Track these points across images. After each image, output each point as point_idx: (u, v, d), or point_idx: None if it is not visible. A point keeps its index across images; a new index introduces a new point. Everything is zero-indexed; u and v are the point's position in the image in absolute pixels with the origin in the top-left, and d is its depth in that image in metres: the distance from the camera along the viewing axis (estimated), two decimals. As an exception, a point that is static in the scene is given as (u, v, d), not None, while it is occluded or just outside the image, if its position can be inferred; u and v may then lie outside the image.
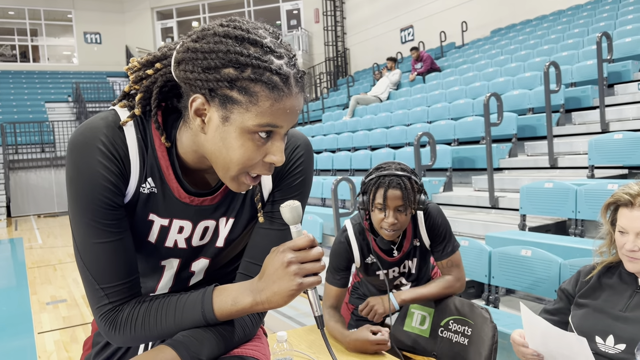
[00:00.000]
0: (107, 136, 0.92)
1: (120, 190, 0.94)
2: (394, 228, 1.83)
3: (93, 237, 0.93)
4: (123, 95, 0.99)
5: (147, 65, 0.96)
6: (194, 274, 1.11)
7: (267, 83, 0.84)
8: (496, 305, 3.06)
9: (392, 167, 1.86)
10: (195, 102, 0.87)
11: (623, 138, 3.93)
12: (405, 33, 14.94)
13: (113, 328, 0.97)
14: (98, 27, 19.75)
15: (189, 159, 0.98)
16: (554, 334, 1.43)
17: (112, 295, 0.96)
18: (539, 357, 1.51)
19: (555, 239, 3.27)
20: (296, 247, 0.91)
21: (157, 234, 1.02)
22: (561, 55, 6.82)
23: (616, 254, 1.59)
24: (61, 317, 4.76)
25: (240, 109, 0.85)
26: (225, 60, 0.84)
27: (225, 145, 0.88)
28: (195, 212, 1.01)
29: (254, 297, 0.94)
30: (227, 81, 0.84)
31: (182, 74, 0.88)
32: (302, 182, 1.08)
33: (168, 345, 0.95)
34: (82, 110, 15.64)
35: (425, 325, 1.94)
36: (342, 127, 9.58)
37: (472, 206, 4.81)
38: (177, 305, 0.98)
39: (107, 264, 0.95)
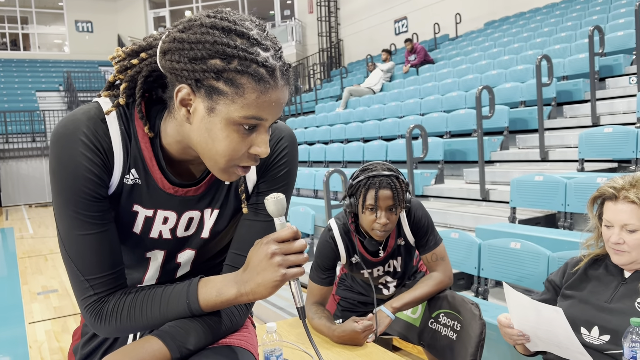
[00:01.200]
0: (89, 128, 0.92)
1: (103, 182, 0.94)
2: (386, 228, 1.85)
3: (77, 229, 0.93)
4: (108, 85, 0.99)
5: (132, 55, 0.96)
6: (180, 266, 1.11)
7: (253, 75, 0.85)
8: (485, 297, 3.09)
9: (378, 167, 1.87)
10: (181, 92, 0.88)
11: (613, 132, 3.95)
12: (399, 24, 14.90)
13: (99, 319, 0.98)
14: (89, 15, 19.56)
15: (173, 149, 0.98)
16: (533, 308, 1.45)
17: (97, 287, 0.96)
18: (524, 336, 1.53)
19: (545, 231, 3.30)
20: (280, 238, 0.92)
21: (142, 225, 1.02)
22: (554, 48, 6.83)
23: (603, 247, 1.61)
24: (52, 307, 4.76)
25: (226, 100, 0.85)
26: (212, 51, 0.84)
27: (210, 136, 0.88)
28: (180, 202, 1.02)
29: (239, 289, 0.94)
30: (213, 72, 0.84)
31: (168, 64, 0.88)
32: (287, 174, 1.08)
33: (155, 335, 0.96)
34: (74, 99, 15.52)
35: (416, 315, 1.96)
36: (335, 119, 9.57)
37: (463, 198, 4.83)
38: (163, 297, 0.98)
39: (91, 255, 0.95)
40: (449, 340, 1.84)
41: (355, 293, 2.20)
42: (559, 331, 1.41)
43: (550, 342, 1.48)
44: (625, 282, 1.53)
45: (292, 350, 1.69)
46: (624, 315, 1.46)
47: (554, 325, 1.41)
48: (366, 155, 6.83)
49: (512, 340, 1.56)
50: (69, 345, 1.22)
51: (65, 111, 15.78)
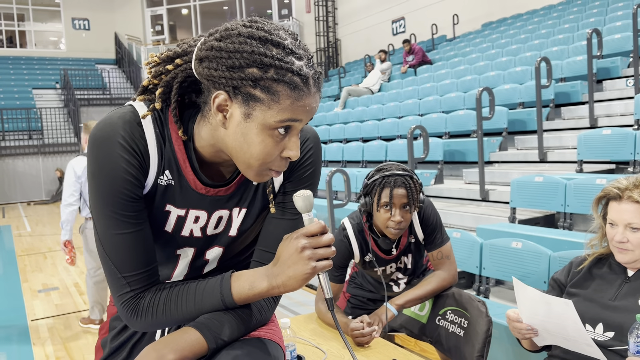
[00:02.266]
0: (126, 131, 0.96)
1: (140, 183, 0.98)
2: (400, 226, 1.89)
3: (114, 229, 0.97)
4: (142, 89, 1.03)
5: (167, 61, 1.00)
6: (208, 262, 1.15)
7: (288, 83, 0.89)
8: (486, 295, 3.14)
9: (393, 167, 1.93)
10: (218, 99, 0.92)
11: (611, 134, 4.01)
12: (396, 25, 14.95)
13: (135, 314, 1.02)
14: (86, 13, 19.49)
15: (205, 152, 1.01)
16: (543, 301, 1.49)
17: (133, 284, 1.00)
18: (532, 330, 1.57)
19: (545, 231, 3.35)
20: (309, 233, 0.96)
21: (174, 224, 1.06)
22: (551, 50, 6.90)
23: (607, 246, 1.66)
24: (54, 304, 4.78)
25: (262, 106, 0.90)
26: (250, 60, 0.88)
27: (246, 141, 0.93)
28: (210, 202, 1.06)
29: (270, 282, 0.99)
30: (251, 80, 0.88)
31: (206, 71, 0.91)
32: (312, 174, 1.12)
33: (192, 326, 1.00)
34: (70, 97, 15.49)
35: (424, 312, 2.01)
36: (333, 119, 9.61)
37: (462, 199, 4.89)
38: (197, 291, 1.02)
39: (127, 253, 0.99)
40: (457, 337, 1.88)
41: (365, 291, 2.24)
42: (568, 323, 1.45)
43: (559, 335, 1.52)
44: (628, 280, 1.58)
45: (305, 346, 1.73)
46: (627, 312, 1.51)
47: (563, 318, 1.46)
48: (366, 155, 6.88)
49: (520, 334, 1.60)
50: (73, 343, 1.27)
51: (62, 109, 15.74)
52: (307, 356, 1.68)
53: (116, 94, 17.35)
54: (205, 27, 20.32)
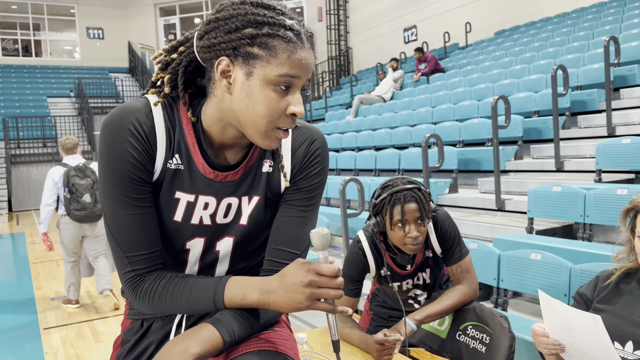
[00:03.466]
0: (135, 118, 1.01)
1: (145, 167, 1.03)
2: (418, 241, 1.85)
3: (120, 210, 1.02)
4: (151, 84, 1.09)
5: (171, 51, 1.07)
6: (219, 259, 1.15)
7: (283, 37, 0.95)
8: (504, 308, 3.07)
9: (399, 182, 1.88)
10: (221, 65, 0.98)
11: (631, 143, 3.94)
12: (408, 33, 14.93)
13: (135, 294, 1.07)
14: (101, 22, 19.73)
15: (213, 131, 1.06)
16: (571, 315, 1.44)
17: (135, 264, 1.05)
18: (560, 346, 1.51)
19: (564, 242, 3.28)
20: (321, 272, 0.98)
21: (184, 211, 1.08)
22: (567, 58, 6.83)
23: (635, 260, 1.60)
24: (66, 313, 4.77)
25: (261, 62, 0.95)
26: (245, 21, 0.95)
27: (251, 100, 0.97)
28: (219, 187, 1.09)
29: (261, 297, 1.01)
30: (248, 38, 0.95)
31: (207, 42, 0.98)
32: (321, 171, 1.16)
33: (209, 322, 1.03)
34: (84, 105, 15.63)
35: (443, 327, 1.95)
36: (345, 127, 9.59)
37: (478, 208, 4.82)
38: (193, 287, 1.05)
39: (131, 234, 1.03)
40: (478, 353, 1.83)
41: (388, 308, 2.18)
42: (596, 341, 1.40)
43: (586, 353, 1.47)
44: (658, 296, 1.52)
45: (322, 362, 1.68)
46: (658, 330, 1.45)
47: (590, 334, 1.40)
48: (379, 163, 6.83)
49: (547, 350, 1.55)
50: (85, 352, 1.27)
51: (76, 117, 15.89)
52: (325, 372, 1.64)
53: (129, 102, 17.51)
54: (217, 35, 20.47)
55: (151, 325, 1.17)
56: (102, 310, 4.79)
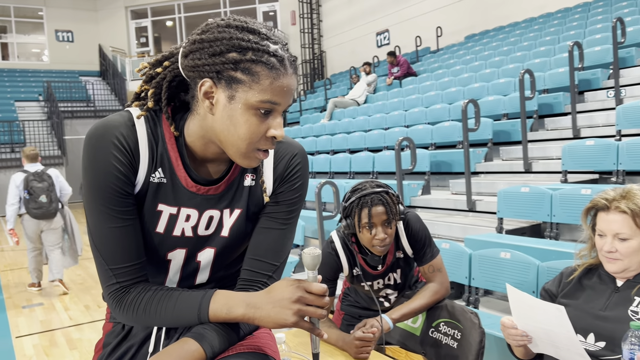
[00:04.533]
0: (119, 131, 1.02)
1: (129, 180, 1.04)
2: (385, 243, 1.91)
3: (104, 222, 1.03)
4: (135, 96, 1.10)
5: (156, 65, 1.08)
6: (200, 269, 1.18)
7: (266, 63, 0.97)
8: (476, 305, 3.16)
9: (367, 186, 1.95)
10: (204, 86, 0.99)
11: (595, 144, 4.09)
12: (381, 37, 15.11)
13: (119, 307, 1.07)
14: (70, 25, 19.38)
15: (196, 146, 1.08)
16: (537, 307, 1.51)
17: (119, 276, 1.06)
18: (527, 337, 1.59)
19: (532, 241, 3.39)
20: (310, 289, 1.02)
21: (166, 223, 1.10)
22: (534, 62, 7.03)
23: (596, 256, 1.69)
24: (38, 320, 4.69)
25: (244, 87, 0.97)
26: (229, 45, 0.96)
27: (232, 122, 0.99)
28: (201, 200, 1.11)
29: (246, 311, 1.04)
30: (231, 63, 0.96)
31: (191, 62, 0.99)
32: (301, 185, 1.19)
33: (191, 337, 1.04)
34: (54, 109, 15.33)
35: (417, 324, 2.02)
36: (320, 130, 9.65)
37: (449, 209, 4.93)
38: (178, 301, 1.06)
39: (115, 247, 1.04)
40: (450, 349, 1.90)
41: (359, 308, 2.24)
42: (560, 330, 1.47)
43: (551, 342, 1.54)
44: (618, 290, 1.61)
45: (300, 360, 1.72)
46: (618, 322, 1.53)
47: (555, 324, 1.48)
48: (353, 166, 6.91)
49: (515, 341, 1.62)
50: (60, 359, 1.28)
51: (45, 121, 15.58)
52: (302, 371, 1.68)
53: (100, 106, 17.21)
54: (190, 39, 20.30)
55: (132, 328, 1.19)
56: (73, 315, 4.73)
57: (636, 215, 1.55)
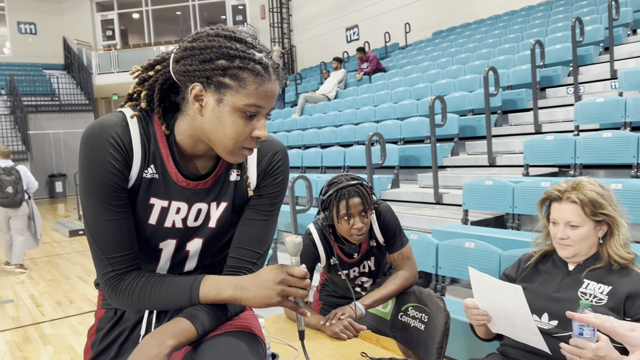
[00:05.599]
0: (114, 130, 1.11)
1: (124, 175, 1.13)
2: (362, 232, 2.04)
3: (100, 215, 1.12)
4: (128, 97, 1.19)
5: (149, 68, 1.17)
6: (189, 257, 1.27)
7: (252, 70, 1.06)
8: (443, 293, 3.31)
9: (343, 179, 2.07)
10: (195, 89, 1.08)
11: (554, 139, 4.29)
12: (350, 32, 15.24)
13: (114, 293, 1.16)
14: (32, 16, 18.88)
15: (185, 144, 1.17)
16: (497, 286, 1.65)
17: (114, 264, 1.15)
18: (487, 317, 1.73)
19: (495, 232, 3.57)
20: (292, 273, 1.15)
21: (158, 215, 1.19)
22: (498, 59, 7.25)
23: (551, 244, 1.84)
24: (9, 317, 4.67)
25: (231, 92, 1.06)
26: (218, 53, 1.05)
27: (220, 123, 1.08)
28: (191, 194, 1.20)
29: (234, 293, 1.15)
30: (220, 70, 1.05)
31: (182, 67, 1.08)
32: (283, 180, 1.30)
33: (183, 316, 1.13)
34: (17, 104, 14.96)
35: (387, 309, 2.15)
36: (291, 125, 9.72)
37: (418, 202, 5.09)
38: (170, 286, 1.16)
39: (111, 238, 1.13)
40: (418, 331, 2.03)
41: (336, 297, 2.37)
42: (517, 309, 1.61)
43: (509, 321, 1.68)
44: (569, 274, 1.76)
45: (278, 344, 1.83)
46: (568, 302, 1.68)
47: (513, 303, 1.61)
48: (325, 160, 7.02)
49: (477, 321, 1.75)
50: (34, 355, 1.37)
51: (8, 116, 15.18)
52: (281, 354, 1.78)
53: (66, 100, 16.86)
54: (157, 32, 20.03)
55: (124, 313, 1.28)
56: (45, 311, 4.72)
57: (585, 205, 1.70)
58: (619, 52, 6.22)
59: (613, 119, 4.45)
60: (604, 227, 1.72)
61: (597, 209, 1.70)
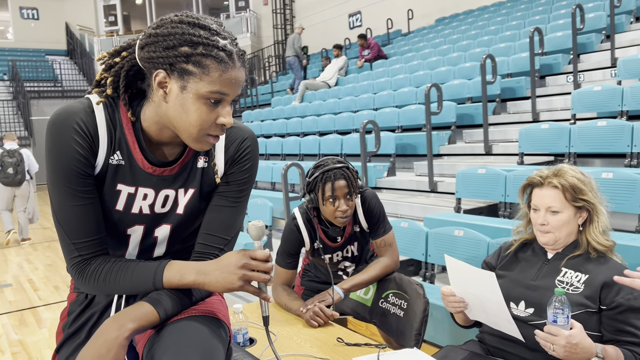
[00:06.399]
0: (79, 117, 1.11)
1: (89, 162, 1.13)
2: (346, 214, 2.06)
3: (66, 201, 1.13)
4: (95, 83, 1.19)
5: (115, 55, 1.17)
6: (157, 243, 1.28)
7: (215, 57, 1.05)
8: (432, 281, 3.33)
9: (329, 162, 2.08)
10: (158, 76, 1.08)
11: (549, 128, 4.27)
12: (353, 19, 15.13)
13: (81, 277, 1.17)
14: (35, 2, 18.85)
15: (151, 131, 1.17)
16: (471, 274, 1.66)
17: (81, 250, 1.16)
18: (464, 304, 1.74)
19: (487, 220, 3.57)
20: (254, 256, 1.15)
21: (125, 202, 1.20)
22: (499, 46, 7.18)
23: (531, 232, 1.84)
24: (7, 301, 4.72)
25: (195, 79, 1.06)
26: (182, 40, 1.05)
27: (184, 110, 1.08)
28: (157, 181, 1.21)
29: (197, 277, 1.15)
30: (183, 57, 1.05)
31: (146, 54, 1.08)
32: (251, 167, 1.29)
33: (146, 300, 1.14)
34: (20, 89, 14.98)
35: (368, 295, 2.16)
36: (291, 112, 9.70)
37: (413, 190, 5.09)
38: (135, 270, 1.17)
39: (77, 223, 1.14)
40: (397, 318, 2.05)
41: (318, 282, 2.39)
42: (491, 296, 1.62)
43: (483, 308, 1.69)
44: (548, 262, 1.77)
45: (257, 329, 1.85)
46: (545, 290, 1.69)
47: (487, 290, 1.62)
48: (322, 148, 7.01)
49: (454, 308, 1.77)
50: (30, 339, 1.39)
51: (11, 101, 15.23)
52: (259, 338, 1.80)
53: (68, 86, 16.87)
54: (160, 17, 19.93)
55: (94, 297, 1.29)
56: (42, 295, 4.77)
57: (566, 190, 1.70)
58: (621, 40, 6.16)
59: (610, 108, 4.42)
60: (584, 213, 1.72)
61: (578, 194, 1.70)
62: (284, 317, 2.01)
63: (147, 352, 1.13)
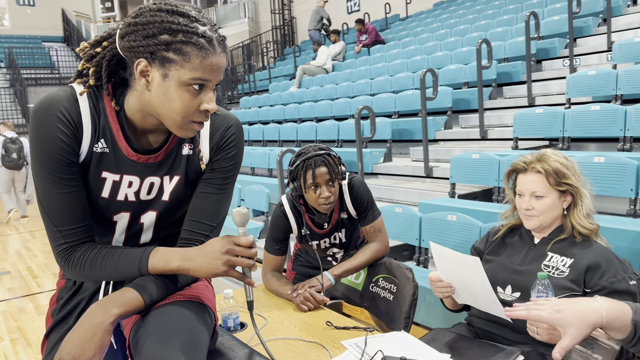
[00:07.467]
0: (63, 105, 1.12)
1: (73, 150, 1.14)
2: (330, 201, 2.06)
3: (51, 188, 1.14)
4: (78, 74, 1.19)
5: (96, 45, 1.17)
6: (143, 230, 1.30)
7: (195, 44, 1.06)
8: (425, 265, 3.36)
9: (310, 150, 2.09)
10: (140, 65, 1.09)
11: (544, 112, 4.28)
12: (351, 3, 15.02)
13: (67, 264, 1.19)
14: (30, -13, 18.68)
15: (135, 119, 1.18)
16: (457, 259, 1.68)
17: (67, 237, 1.18)
18: (451, 289, 1.77)
19: (480, 205, 3.58)
20: (238, 242, 1.17)
21: (110, 189, 1.21)
22: (496, 31, 7.15)
23: (518, 217, 1.86)
24: (6, 288, 4.77)
25: (176, 66, 1.07)
26: (161, 28, 1.06)
27: (167, 98, 1.09)
28: (142, 168, 1.22)
29: (181, 263, 1.18)
30: (163, 45, 1.06)
31: (127, 44, 1.08)
32: (236, 155, 1.30)
33: (131, 286, 1.17)
34: (17, 77, 14.91)
35: (359, 280, 2.19)
36: (288, 98, 9.68)
37: (409, 175, 5.10)
38: (120, 257, 1.19)
39: (62, 211, 1.15)
40: (387, 301, 2.07)
41: (309, 268, 2.41)
42: (477, 280, 1.64)
43: (470, 292, 1.72)
44: (534, 247, 1.79)
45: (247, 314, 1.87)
46: (531, 275, 1.71)
47: (473, 274, 1.65)
48: (319, 134, 7.01)
49: (442, 293, 1.79)
50: (28, 326, 1.41)
51: (8, 89, 15.16)
52: (250, 323, 1.82)
53: (65, 73, 16.78)
54: (157, 3, 19.76)
55: (82, 283, 1.32)
56: (41, 282, 4.81)
57: (549, 174, 1.72)
58: (618, 24, 6.13)
59: (605, 92, 4.42)
60: (568, 197, 1.74)
61: (561, 178, 1.71)
62: (274, 302, 2.03)
63: (133, 337, 1.15)
